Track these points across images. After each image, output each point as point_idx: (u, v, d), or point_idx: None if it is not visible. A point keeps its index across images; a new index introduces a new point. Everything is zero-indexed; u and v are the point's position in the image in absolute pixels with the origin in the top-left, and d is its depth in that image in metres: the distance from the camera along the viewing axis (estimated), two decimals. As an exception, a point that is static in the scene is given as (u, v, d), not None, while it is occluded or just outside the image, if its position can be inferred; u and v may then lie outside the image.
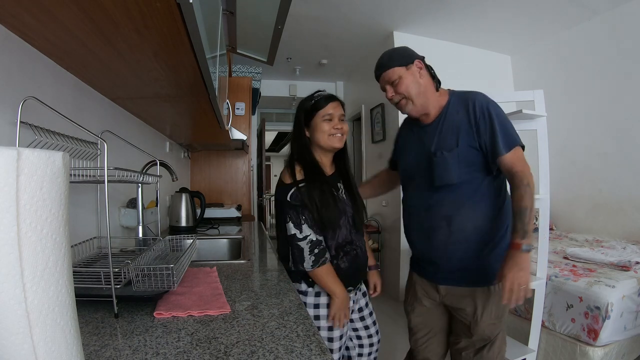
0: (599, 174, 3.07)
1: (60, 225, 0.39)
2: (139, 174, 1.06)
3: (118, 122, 1.41)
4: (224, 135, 2.11)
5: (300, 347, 0.63)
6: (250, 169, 3.33)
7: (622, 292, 1.74)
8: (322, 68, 4.53)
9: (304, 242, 1.11)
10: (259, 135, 4.72)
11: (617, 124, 2.91)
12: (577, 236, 2.97)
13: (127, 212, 1.47)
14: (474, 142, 1.21)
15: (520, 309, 2.11)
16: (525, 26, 3.29)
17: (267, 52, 2.01)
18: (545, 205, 1.88)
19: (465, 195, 1.22)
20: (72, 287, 0.42)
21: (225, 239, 1.94)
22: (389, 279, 3.70)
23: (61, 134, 0.88)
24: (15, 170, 0.34)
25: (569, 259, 2.30)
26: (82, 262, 0.99)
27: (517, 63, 3.93)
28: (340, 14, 3.11)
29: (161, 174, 1.39)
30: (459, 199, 1.22)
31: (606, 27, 2.96)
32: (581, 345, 1.75)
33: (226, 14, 1.55)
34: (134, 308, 0.81)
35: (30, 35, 0.77)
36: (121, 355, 0.59)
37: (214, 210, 2.59)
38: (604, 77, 3.00)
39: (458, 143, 1.22)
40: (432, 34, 3.50)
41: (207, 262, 1.30)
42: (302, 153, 1.23)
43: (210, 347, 0.62)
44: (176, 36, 0.74)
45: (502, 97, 2.14)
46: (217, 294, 0.91)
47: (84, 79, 1.08)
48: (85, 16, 0.65)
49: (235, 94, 3.06)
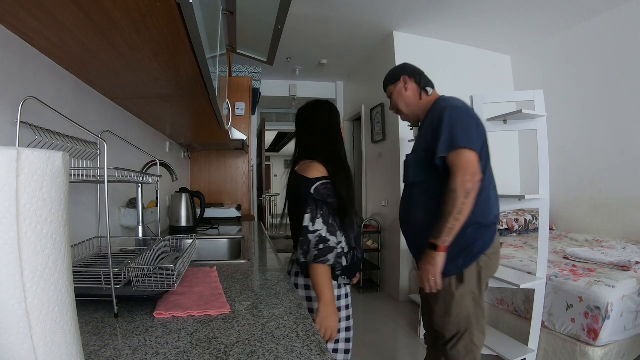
0: (599, 174, 3.07)
1: (60, 225, 0.39)
2: (139, 174, 1.06)
3: (118, 122, 1.41)
4: (224, 135, 2.11)
5: (300, 347, 0.63)
6: (250, 169, 3.33)
7: (622, 292, 1.74)
8: (322, 68, 4.53)
9: (312, 235, 1.12)
10: (259, 135, 4.72)
11: (617, 124, 2.91)
12: (577, 236, 2.97)
13: (127, 212, 1.47)
14: (431, 145, 1.32)
15: (521, 309, 2.11)
16: (525, 26, 3.29)
17: (267, 52, 2.01)
18: (545, 205, 1.88)
19: (419, 194, 1.39)
20: (72, 287, 0.42)
21: (225, 239, 1.94)
22: (389, 279, 3.70)
23: (61, 134, 0.88)
24: (15, 170, 0.34)
25: (569, 259, 2.30)
26: (82, 262, 0.99)
27: (517, 63, 3.93)
28: (340, 14, 3.11)
29: (161, 174, 1.39)
30: (415, 196, 1.41)
31: (606, 27, 2.96)
32: (581, 345, 1.75)
33: (226, 14, 1.55)
34: (134, 308, 0.81)
35: (30, 35, 0.77)
36: (121, 355, 0.59)
37: (214, 210, 2.59)
38: (604, 77, 3.00)
39: (422, 146, 1.38)
40: (432, 34, 3.50)
41: (207, 262, 1.30)
42: (335, 151, 1.27)
43: (210, 347, 0.62)
44: (176, 36, 0.74)
45: (502, 97, 2.14)
46: (217, 294, 0.91)
47: (84, 79, 1.08)
48: (85, 16, 0.65)
49: (235, 94, 3.06)
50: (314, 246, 1.11)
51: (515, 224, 3.31)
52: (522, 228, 3.34)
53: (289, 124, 6.07)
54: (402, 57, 3.45)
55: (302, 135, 1.32)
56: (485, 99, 1.96)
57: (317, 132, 1.28)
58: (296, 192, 1.22)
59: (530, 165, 3.73)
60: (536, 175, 1.91)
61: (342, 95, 5.24)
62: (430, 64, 3.76)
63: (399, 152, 3.40)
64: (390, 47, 3.50)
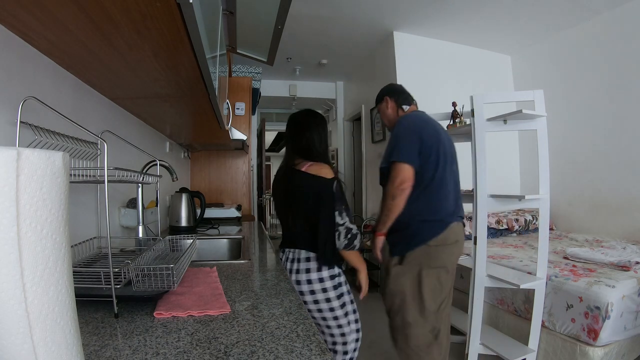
0: (599, 174, 3.07)
1: (60, 225, 0.39)
2: (139, 174, 1.06)
3: (118, 122, 1.41)
4: (224, 135, 2.11)
5: (300, 347, 0.63)
6: (250, 169, 3.33)
7: (622, 292, 1.73)
8: (322, 68, 4.53)
9: (342, 227, 1.33)
10: (259, 135, 4.72)
11: (617, 123, 2.91)
12: (577, 236, 2.97)
13: (127, 212, 1.47)
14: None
15: (521, 309, 2.11)
16: (525, 26, 3.29)
17: (267, 52, 2.01)
18: (545, 205, 1.88)
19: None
20: (72, 287, 0.42)
21: (225, 239, 1.94)
22: (389, 279, 3.69)
23: (61, 134, 0.88)
24: (15, 170, 0.34)
25: (569, 259, 2.30)
26: (82, 262, 0.99)
27: (517, 63, 3.93)
28: (340, 14, 3.11)
29: (161, 174, 1.39)
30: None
31: (606, 27, 2.96)
32: (581, 345, 1.75)
33: (226, 14, 1.55)
34: (134, 308, 0.81)
35: (30, 35, 0.77)
36: (121, 355, 0.59)
37: (214, 210, 2.59)
38: (604, 77, 3.00)
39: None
40: (432, 34, 3.49)
41: (207, 262, 1.30)
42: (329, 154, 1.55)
43: (210, 347, 0.62)
44: (176, 36, 0.73)
45: (502, 97, 2.14)
46: (217, 294, 0.91)
47: (84, 79, 1.08)
48: (85, 16, 0.65)
49: (235, 94, 3.06)
50: (344, 236, 1.33)
51: (515, 224, 3.31)
52: (522, 228, 3.34)
53: (289, 124, 6.06)
54: (402, 57, 3.45)
55: (297, 136, 1.46)
56: (485, 99, 1.96)
57: (313, 137, 1.44)
58: (317, 192, 1.35)
59: (530, 165, 3.73)
60: (536, 175, 1.90)
61: (342, 95, 5.24)
62: (430, 64, 3.81)
63: (399, 152, 3.40)
64: (390, 47, 3.50)
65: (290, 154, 1.48)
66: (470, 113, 1.99)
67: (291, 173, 1.42)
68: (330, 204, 1.33)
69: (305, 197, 1.37)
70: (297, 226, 1.40)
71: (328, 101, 5.29)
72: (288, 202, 1.43)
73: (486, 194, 1.93)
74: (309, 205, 1.36)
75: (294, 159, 1.45)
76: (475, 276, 1.94)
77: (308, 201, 1.36)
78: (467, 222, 3.10)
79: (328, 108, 5.43)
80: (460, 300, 2.59)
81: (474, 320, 1.95)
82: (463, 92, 2.64)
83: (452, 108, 2.36)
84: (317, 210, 1.34)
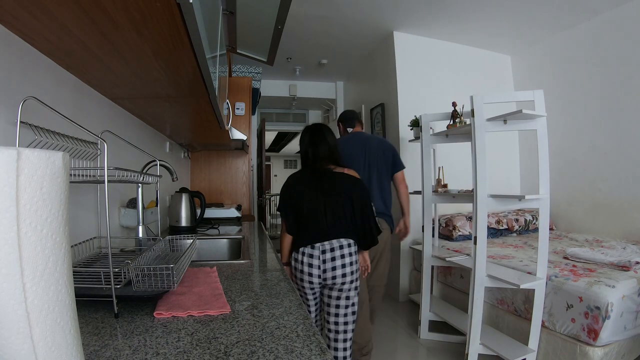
0: (599, 174, 3.07)
1: (60, 225, 0.39)
2: (139, 174, 1.06)
3: (118, 122, 1.41)
4: (224, 135, 2.11)
5: (300, 347, 0.63)
6: (250, 169, 3.33)
7: (622, 292, 1.73)
8: (322, 68, 4.53)
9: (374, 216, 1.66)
10: (259, 135, 4.72)
11: (617, 123, 2.91)
12: (577, 236, 2.97)
13: (127, 212, 1.47)
14: None
15: (521, 309, 2.11)
16: (525, 26, 3.29)
17: (267, 52, 2.01)
18: (545, 205, 1.88)
19: None
20: (72, 287, 0.42)
21: (225, 239, 1.94)
22: (389, 279, 3.69)
23: (61, 134, 0.88)
24: (15, 170, 0.34)
25: (569, 259, 2.30)
26: (82, 262, 0.99)
27: (517, 63, 3.93)
28: (340, 14, 3.11)
29: (161, 174, 1.39)
30: None
31: (606, 27, 2.96)
32: (581, 345, 1.75)
33: (226, 14, 1.55)
34: (134, 308, 0.81)
35: (30, 35, 0.77)
36: (121, 355, 0.59)
37: (214, 210, 2.59)
38: (604, 77, 3.00)
39: None
40: (432, 34, 3.50)
41: (207, 262, 1.30)
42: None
43: (210, 347, 0.62)
44: (176, 36, 0.74)
45: (502, 97, 2.14)
46: (217, 294, 0.91)
47: (84, 79, 1.08)
48: (85, 16, 0.65)
49: (235, 94, 3.06)
50: (374, 222, 1.63)
51: (515, 224, 3.31)
52: (522, 228, 3.34)
53: (289, 124, 6.07)
54: (402, 57, 3.45)
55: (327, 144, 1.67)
56: (485, 99, 1.96)
57: (334, 146, 1.68)
58: (360, 190, 1.62)
59: (530, 165, 3.73)
60: (536, 175, 1.90)
61: (342, 95, 5.23)
62: (430, 64, 3.81)
63: (399, 152, 3.40)
64: (390, 47, 3.50)
65: (323, 160, 1.66)
66: (470, 113, 1.99)
67: (331, 175, 1.62)
68: (370, 200, 1.64)
69: (353, 194, 1.59)
70: (344, 219, 1.59)
71: (328, 101, 5.29)
72: (333, 199, 1.58)
73: (486, 194, 1.93)
74: (356, 201, 1.59)
75: (328, 164, 1.66)
76: (475, 276, 1.94)
77: (355, 198, 1.59)
78: (467, 222, 3.12)
79: (328, 108, 5.42)
80: (460, 300, 2.60)
81: (474, 320, 1.95)
82: (463, 92, 2.64)
83: (452, 108, 2.36)
84: (365, 205, 1.60)
